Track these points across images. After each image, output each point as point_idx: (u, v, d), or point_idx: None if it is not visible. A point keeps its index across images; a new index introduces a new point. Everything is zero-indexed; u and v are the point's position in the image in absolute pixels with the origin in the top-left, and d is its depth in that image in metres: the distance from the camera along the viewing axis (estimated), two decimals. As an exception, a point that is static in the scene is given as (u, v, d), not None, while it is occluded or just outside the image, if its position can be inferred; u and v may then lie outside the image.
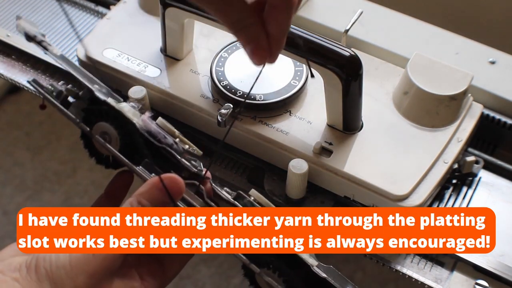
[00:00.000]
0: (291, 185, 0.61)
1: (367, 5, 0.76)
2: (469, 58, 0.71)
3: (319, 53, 0.57)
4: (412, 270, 0.60)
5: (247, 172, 0.66)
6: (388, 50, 0.72)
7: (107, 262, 0.50)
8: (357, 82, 0.58)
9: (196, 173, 0.57)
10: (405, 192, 0.59)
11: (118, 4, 0.74)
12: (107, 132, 0.62)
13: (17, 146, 1.48)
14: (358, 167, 0.60)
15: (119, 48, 0.68)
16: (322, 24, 0.74)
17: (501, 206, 0.64)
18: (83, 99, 0.64)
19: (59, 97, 0.63)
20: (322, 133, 0.62)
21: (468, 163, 0.64)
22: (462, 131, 0.63)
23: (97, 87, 0.61)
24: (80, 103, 0.64)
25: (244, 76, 0.64)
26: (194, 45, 0.68)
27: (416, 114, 0.63)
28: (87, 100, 0.63)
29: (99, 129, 0.62)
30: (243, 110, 0.62)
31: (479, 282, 0.59)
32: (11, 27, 0.78)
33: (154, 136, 0.58)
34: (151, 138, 0.58)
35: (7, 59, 0.76)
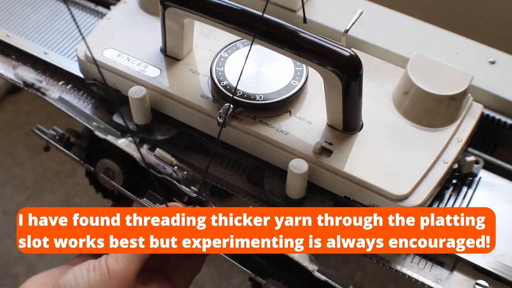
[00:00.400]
0: (291, 185, 0.61)
1: (367, 5, 0.76)
2: (469, 58, 0.71)
3: (319, 53, 0.57)
4: (412, 270, 0.60)
5: (247, 172, 0.66)
6: (388, 50, 0.72)
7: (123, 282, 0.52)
8: (357, 82, 0.58)
9: (196, 198, 0.61)
10: (405, 192, 0.59)
11: (118, 4, 0.74)
12: (110, 168, 0.65)
13: (17, 146, 1.48)
14: (358, 167, 0.60)
15: (119, 48, 0.68)
16: (322, 24, 0.74)
17: (501, 206, 0.64)
18: (83, 137, 0.67)
19: (62, 140, 0.67)
20: (322, 133, 0.62)
21: (468, 163, 0.64)
22: (462, 131, 0.63)
23: (95, 125, 0.64)
24: (81, 141, 0.67)
25: (244, 76, 0.64)
26: (194, 45, 0.68)
27: (416, 114, 0.63)
28: (88, 138, 0.66)
29: (102, 166, 0.65)
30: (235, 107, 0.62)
31: (479, 282, 0.59)
32: (11, 27, 0.78)
33: (154, 167, 0.62)
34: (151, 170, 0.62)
35: (7, 59, 0.76)
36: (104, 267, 0.52)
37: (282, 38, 0.58)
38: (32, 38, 0.77)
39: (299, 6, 0.75)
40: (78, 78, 0.73)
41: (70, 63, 0.75)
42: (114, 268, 0.52)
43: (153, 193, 0.64)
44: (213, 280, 1.30)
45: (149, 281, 0.56)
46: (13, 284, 1.30)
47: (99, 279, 0.51)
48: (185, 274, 0.58)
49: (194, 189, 0.62)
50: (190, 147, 0.68)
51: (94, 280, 0.51)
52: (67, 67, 0.74)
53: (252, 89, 0.63)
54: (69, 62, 0.75)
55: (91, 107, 0.72)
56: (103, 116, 0.71)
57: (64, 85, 0.74)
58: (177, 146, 0.68)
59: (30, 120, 1.52)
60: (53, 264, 1.31)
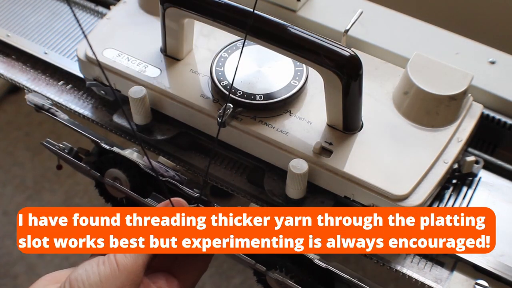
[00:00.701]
0: (291, 185, 0.61)
1: (367, 5, 0.76)
2: (469, 58, 0.71)
3: (319, 53, 0.57)
4: (412, 270, 0.61)
5: (247, 172, 0.66)
6: (388, 50, 0.72)
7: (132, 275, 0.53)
8: (357, 82, 0.58)
9: (199, 198, 0.62)
10: (405, 192, 0.59)
11: (118, 4, 0.74)
12: (117, 177, 0.67)
13: (17, 146, 1.48)
14: (358, 167, 0.60)
15: (119, 48, 0.68)
16: (322, 24, 0.74)
17: (501, 206, 0.64)
18: (93, 155, 0.70)
19: (71, 153, 0.70)
20: (322, 133, 0.62)
21: (468, 163, 0.64)
22: (462, 131, 0.63)
23: (103, 140, 0.67)
24: (90, 157, 0.70)
25: (244, 76, 0.64)
26: (194, 45, 0.68)
27: (416, 114, 0.63)
28: (97, 154, 0.69)
29: (110, 175, 0.67)
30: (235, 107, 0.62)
31: (479, 282, 0.59)
32: (11, 27, 0.78)
33: (157, 172, 0.65)
34: (155, 174, 0.64)
35: (7, 59, 0.76)
36: (113, 261, 0.53)
37: (282, 38, 0.58)
38: (32, 38, 0.77)
39: (299, 6, 0.75)
40: (78, 78, 0.73)
41: (70, 63, 0.75)
42: (123, 262, 0.53)
43: (157, 194, 0.65)
44: (213, 280, 1.30)
45: (157, 278, 0.57)
46: (13, 284, 1.30)
47: (109, 273, 0.52)
48: (192, 273, 0.59)
49: (197, 190, 0.63)
50: (190, 147, 0.68)
51: (104, 274, 0.52)
52: (67, 67, 0.74)
53: (252, 89, 0.63)
54: (69, 62, 0.75)
55: (91, 107, 0.72)
56: (103, 116, 0.71)
57: (64, 85, 0.74)
58: (177, 146, 0.68)
59: (30, 120, 1.52)
60: (53, 264, 1.31)
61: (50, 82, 0.74)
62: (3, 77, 0.74)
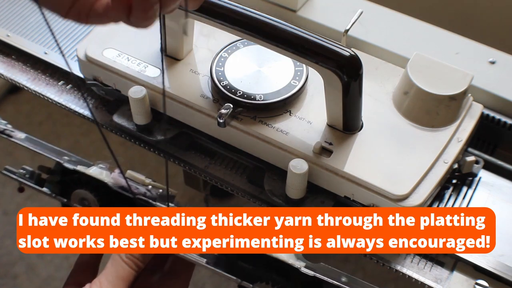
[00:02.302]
0: (291, 185, 0.61)
1: (367, 5, 0.76)
2: (469, 58, 0.71)
3: (319, 53, 0.57)
4: (412, 270, 0.60)
5: (247, 172, 0.66)
6: (388, 50, 0.72)
7: None
8: (357, 82, 0.58)
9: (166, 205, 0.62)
10: (405, 192, 0.59)
11: (118, 4, 0.74)
12: (84, 198, 0.65)
13: (17, 146, 1.48)
14: (358, 167, 0.60)
15: (119, 48, 0.68)
16: (322, 24, 0.74)
17: (501, 206, 0.64)
18: (56, 173, 0.68)
19: (33, 177, 0.68)
20: (322, 133, 0.62)
21: (468, 163, 0.64)
22: (462, 131, 0.63)
23: (66, 158, 0.65)
24: (53, 176, 0.68)
25: (244, 76, 0.64)
26: (194, 45, 0.68)
27: (416, 114, 0.63)
28: (60, 173, 0.67)
29: (77, 197, 0.66)
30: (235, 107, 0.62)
31: (479, 282, 0.59)
32: (11, 27, 0.78)
33: (127, 190, 0.63)
34: (124, 192, 0.62)
35: (7, 59, 0.76)
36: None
37: (282, 38, 0.58)
38: (32, 38, 0.77)
39: (299, 6, 0.75)
40: (78, 78, 0.73)
41: (70, 63, 0.75)
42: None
43: None
44: (213, 280, 1.30)
45: None
46: (13, 284, 1.30)
47: None
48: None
49: (172, 205, 0.62)
50: (190, 147, 0.68)
51: None
52: (67, 67, 0.74)
53: (252, 89, 0.63)
54: (69, 62, 0.75)
55: (91, 107, 0.72)
56: (103, 116, 0.71)
57: (64, 85, 0.74)
58: (177, 146, 0.68)
59: (30, 120, 1.52)
60: (53, 264, 1.31)
61: (50, 82, 0.74)
62: (3, 77, 0.74)
